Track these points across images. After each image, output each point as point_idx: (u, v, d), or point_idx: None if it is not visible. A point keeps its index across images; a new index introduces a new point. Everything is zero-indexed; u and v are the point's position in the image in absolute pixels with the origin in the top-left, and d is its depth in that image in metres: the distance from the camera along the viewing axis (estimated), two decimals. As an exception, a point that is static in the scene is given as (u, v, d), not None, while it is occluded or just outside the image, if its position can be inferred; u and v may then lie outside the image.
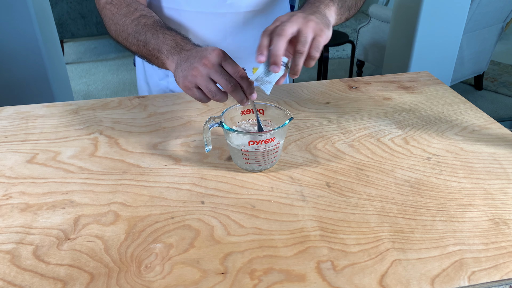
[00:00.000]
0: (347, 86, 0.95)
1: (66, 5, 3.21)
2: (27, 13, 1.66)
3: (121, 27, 0.77)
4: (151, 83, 1.01)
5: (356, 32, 3.06)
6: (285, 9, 0.95)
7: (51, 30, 1.89)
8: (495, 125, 0.79)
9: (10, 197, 0.60)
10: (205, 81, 0.61)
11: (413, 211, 0.57)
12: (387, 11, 2.65)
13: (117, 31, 0.78)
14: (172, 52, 0.67)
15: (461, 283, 0.47)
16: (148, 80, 1.02)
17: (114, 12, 0.79)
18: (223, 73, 0.61)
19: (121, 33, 0.77)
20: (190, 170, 0.66)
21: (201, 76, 0.61)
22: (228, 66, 0.61)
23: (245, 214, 0.57)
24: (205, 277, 0.48)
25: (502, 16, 2.56)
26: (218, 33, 0.88)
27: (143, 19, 0.75)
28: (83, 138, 0.75)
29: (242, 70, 0.62)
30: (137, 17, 0.76)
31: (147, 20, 0.75)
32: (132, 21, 0.75)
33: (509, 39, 3.95)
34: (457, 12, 1.87)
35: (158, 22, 0.75)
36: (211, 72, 0.60)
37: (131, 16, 0.76)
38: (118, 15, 0.78)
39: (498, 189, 0.62)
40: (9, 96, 1.80)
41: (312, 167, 0.67)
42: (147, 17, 0.76)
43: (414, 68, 1.97)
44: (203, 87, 0.61)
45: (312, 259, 0.50)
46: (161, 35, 0.70)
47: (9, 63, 1.74)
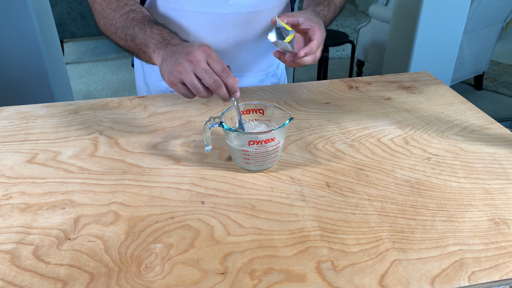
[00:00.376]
0: (347, 86, 0.95)
1: (66, 5, 3.21)
2: (27, 13, 1.66)
3: (110, 21, 0.77)
4: (150, 84, 1.01)
5: (356, 32, 3.06)
6: (287, 10, 0.95)
7: (51, 30, 1.89)
8: (495, 125, 0.79)
9: (10, 197, 0.60)
10: (190, 77, 0.61)
11: (413, 211, 0.57)
12: (387, 11, 2.66)
13: (106, 25, 0.78)
14: (158, 47, 0.68)
15: (461, 283, 0.47)
16: (147, 81, 1.02)
17: (104, 7, 0.79)
18: (207, 70, 0.61)
19: (110, 27, 0.77)
20: (190, 170, 0.66)
21: (186, 72, 0.61)
22: (213, 63, 0.62)
23: (245, 214, 0.57)
24: (205, 277, 0.48)
25: (502, 16, 2.56)
26: (219, 33, 0.88)
27: (132, 14, 0.75)
28: (83, 138, 0.75)
29: (227, 68, 0.62)
30: (126, 12, 0.76)
31: (136, 14, 0.75)
32: (121, 16, 0.76)
33: (509, 39, 3.95)
34: (457, 12, 1.87)
35: (147, 17, 0.75)
36: (195, 68, 0.61)
37: (120, 10, 0.77)
38: (107, 9, 0.78)
39: (498, 189, 0.62)
40: (9, 96, 1.80)
41: (312, 167, 0.67)
42: (136, 12, 0.76)
43: (414, 68, 1.97)
44: (188, 83, 0.62)
45: (312, 259, 0.50)
46: (148, 30, 0.71)
47: (9, 63, 1.74)
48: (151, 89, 1.02)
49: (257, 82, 1.01)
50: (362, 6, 4.77)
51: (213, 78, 0.61)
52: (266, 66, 1.01)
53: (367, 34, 2.84)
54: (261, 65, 0.99)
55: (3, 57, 1.72)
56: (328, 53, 2.70)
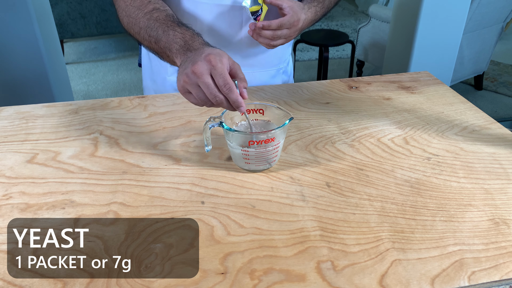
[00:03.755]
0: (347, 86, 0.95)
1: (66, 5, 3.20)
2: (27, 13, 1.66)
3: (134, 20, 0.76)
4: (158, 80, 1.01)
5: (356, 32, 3.06)
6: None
7: (51, 30, 1.89)
8: (495, 125, 0.79)
9: (10, 197, 0.60)
10: (194, 89, 0.60)
11: (413, 211, 0.57)
12: (387, 11, 2.65)
13: (129, 24, 0.77)
14: (180, 52, 0.67)
15: (461, 283, 0.47)
16: (155, 77, 1.01)
17: (128, 4, 0.78)
18: (209, 85, 0.59)
19: (133, 26, 0.77)
20: (190, 170, 0.66)
21: (191, 84, 0.60)
22: (216, 76, 0.59)
23: (245, 214, 0.57)
24: (205, 277, 0.48)
25: (502, 16, 2.56)
26: (233, 25, 0.88)
27: (155, 13, 0.75)
28: (83, 138, 0.75)
29: (230, 83, 0.59)
30: (150, 10, 0.75)
31: (160, 14, 0.74)
32: (144, 15, 0.75)
33: (509, 39, 3.95)
34: (457, 12, 1.87)
35: (170, 17, 0.74)
36: (198, 81, 0.59)
37: (144, 9, 0.76)
38: (131, 7, 0.77)
39: (498, 189, 0.62)
40: (9, 96, 1.80)
41: (312, 167, 0.67)
42: (160, 11, 0.75)
43: (414, 68, 1.96)
44: (194, 94, 0.61)
45: (312, 259, 0.50)
46: (171, 32, 0.70)
47: (9, 63, 1.73)
48: (159, 85, 1.01)
49: (268, 78, 1.01)
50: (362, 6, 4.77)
51: (213, 93, 0.59)
52: (277, 62, 1.01)
53: (367, 34, 2.84)
54: (272, 60, 0.99)
55: (3, 57, 1.72)
56: (328, 53, 2.70)
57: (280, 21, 0.81)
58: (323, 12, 0.92)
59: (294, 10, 0.83)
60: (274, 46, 0.84)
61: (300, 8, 0.85)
